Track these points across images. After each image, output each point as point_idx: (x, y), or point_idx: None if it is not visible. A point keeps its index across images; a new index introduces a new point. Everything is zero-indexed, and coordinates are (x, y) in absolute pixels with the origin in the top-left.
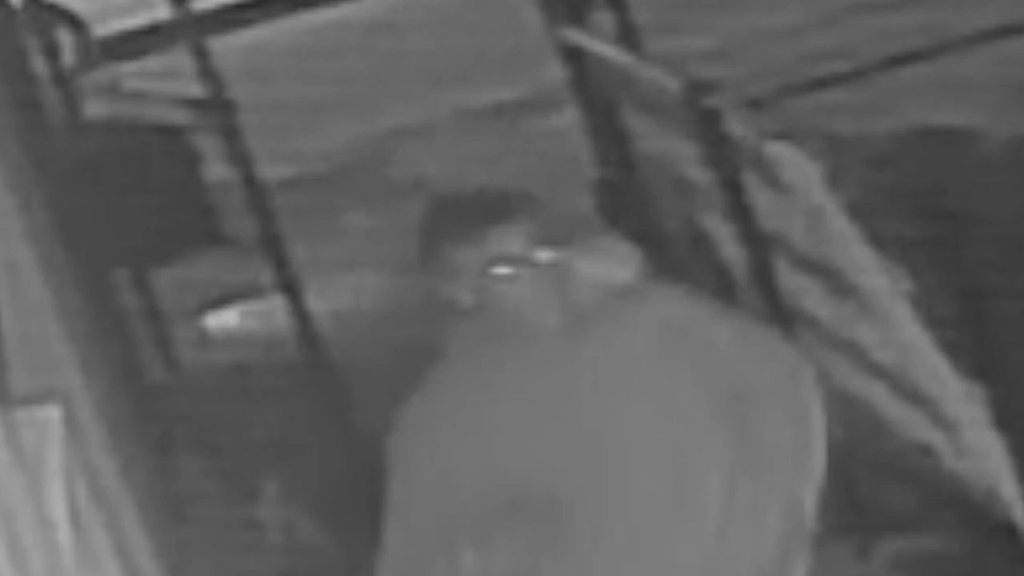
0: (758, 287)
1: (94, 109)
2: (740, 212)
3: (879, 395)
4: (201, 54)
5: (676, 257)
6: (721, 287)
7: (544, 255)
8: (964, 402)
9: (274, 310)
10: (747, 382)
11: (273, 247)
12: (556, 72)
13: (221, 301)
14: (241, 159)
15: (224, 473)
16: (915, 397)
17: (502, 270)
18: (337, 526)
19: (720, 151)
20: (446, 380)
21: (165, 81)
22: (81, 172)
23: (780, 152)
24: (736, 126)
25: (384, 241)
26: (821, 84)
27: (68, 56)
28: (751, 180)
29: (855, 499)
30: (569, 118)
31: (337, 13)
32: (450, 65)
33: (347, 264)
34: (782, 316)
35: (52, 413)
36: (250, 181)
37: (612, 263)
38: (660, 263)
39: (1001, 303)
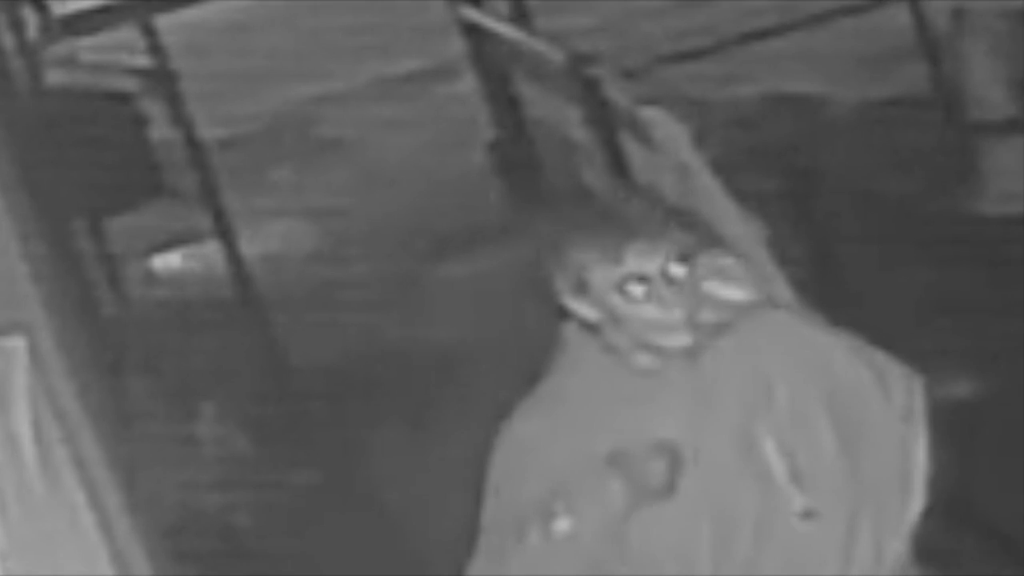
0: None
1: (54, 78)
2: (617, 167)
3: None
4: (148, 30)
5: (562, 207)
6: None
7: (677, 272)
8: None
9: (212, 253)
10: (861, 409)
11: (211, 198)
12: (458, 45)
13: (165, 245)
14: (183, 122)
15: (167, 394)
16: None
17: (636, 289)
18: (265, 440)
19: (600, 114)
20: (563, 385)
21: (117, 54)
22: (43, 133)
23: (652, 115)
24: (613, 93)
25: (307, 193)
26: (687, 56)
27: (32, 31)
28: (627, 139)
29: None
30: (469, 85)
31: None
32: (367, 39)
33: (275, 213)
34: None
35: (18, 343)
36: (191, 141)
37: (732, 281)
38: (549, 215)
39: (845, 246)
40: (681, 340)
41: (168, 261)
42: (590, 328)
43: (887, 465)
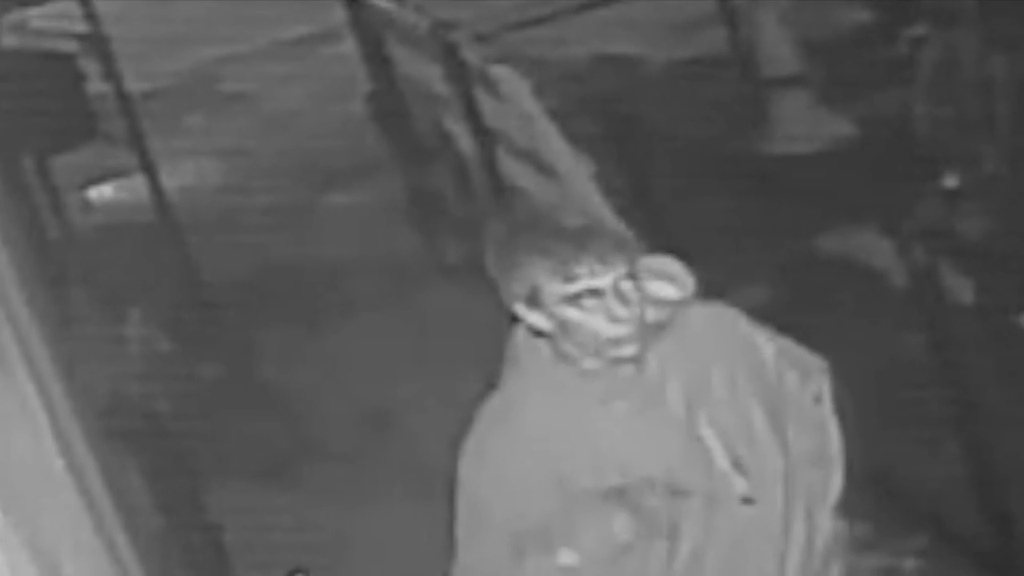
0: (486, 169)
1: (8, 41)
2: (472, 115)
3: None
4: (85, 2)
5: (427, 148)
6: (459, 169)
7: (627, 287)
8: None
9: (138, 186)
10: (784, 395)
11: (136, 141)
12: (340, 14)
13: (99, 179)
14: (113, 77)
15: (101, 302)
16: None
17: (588, 303)
18: (181, 339)
19: (457, 72)
20: (522, 395)
21: (60, 21)
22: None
23: (500, 72)
24: (469, 54)
25: (216, 136)
26: (529, 23)
27: None
28: (479, 92)
29: None
30: (349, 47)
31: None
32: (264, 9)
33: (189, 153)
34: (503, 190)
35: None
36: (120, 93)
37: (668, 282)
38: (416, 154)
39: (658, 180)
40: (630, 351)
41: (102, 192)
42: (541, 336)
43: (810, 446)
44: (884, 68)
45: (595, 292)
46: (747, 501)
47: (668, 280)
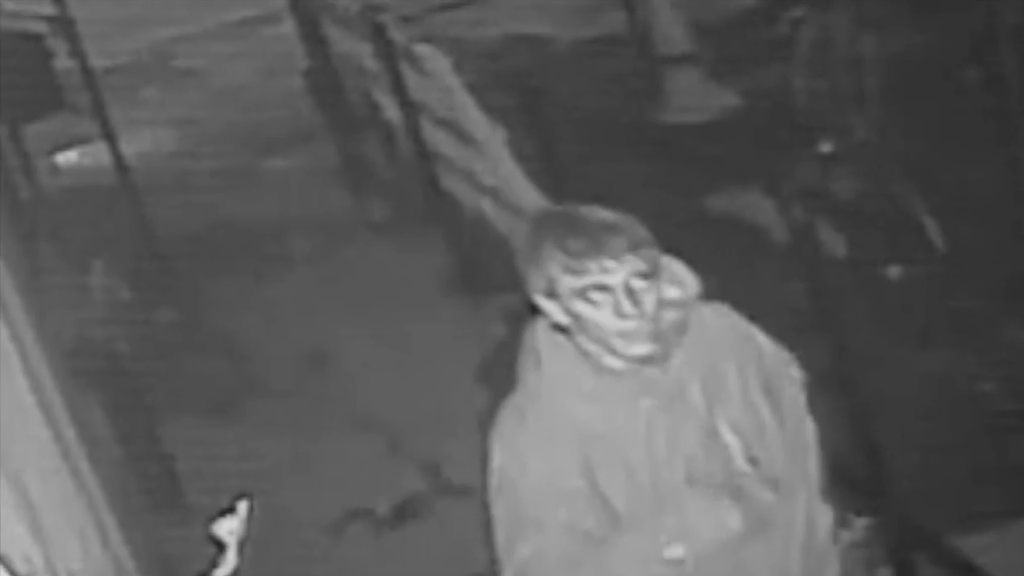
0: (410, 137)
1: None
2: (398, 89)
3: (486, 206)
4: None
5: (358, 118)
6: (386, 137)
7: (639, 286)
8: (533, 197)
9: (100, 151)
10: (781, 388)
11: (99, 111)
12: None
13: (66, 145)
14: (79, 55)
15: (66, 254)
16: (509, 206)
17: (596, 296)
18: (139, 288)
19: (385, 50)
20: (549, 392)
21: (30, 4)
22: None
23: (423, 50)
24: (396, 33)
25: (169, 108)
26: (449, 6)
27: None
28: (405, 68)
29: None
30: (289, 28)
31: None
32: None
33: (146, 123)
34: (426, 155)
35: None
36: (84, 69)
37: (676, 284)
38: (348, 123)
39: (564, 147)
40: (642, 349)
41: (68, 157)
42: (561, 330)
43: (802, 435)
44: (766, 46)
45: (604, 288)
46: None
47: (672, 281)
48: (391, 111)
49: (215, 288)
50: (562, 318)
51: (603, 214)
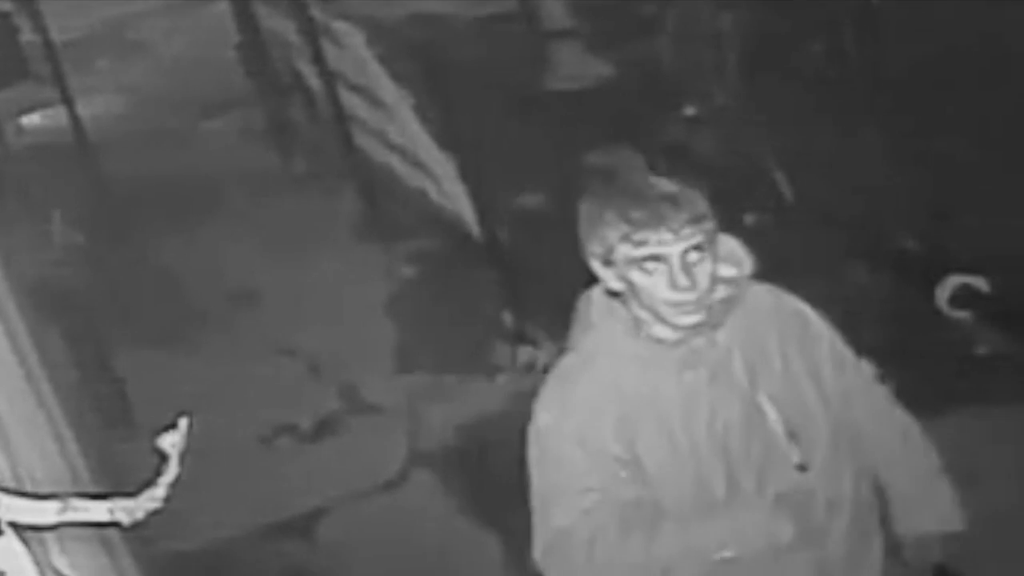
0: (329, 101)
1: None
2: (318, 60)
3: (395, 162)
4: None
5: (283, 85)
6: (308, 101)
7: (694, 259)
8: (443, 165)
9: (59, 114)
10: (824, 364)
11: (59, 80)
12: None
13: (30, 109)
14: (41, 30)
15: (30, 207)
16: (415, 162)
17: (651, 266)
18: (93, 234)
19: (307, 26)
20: (599, 357)
21: None
22: None
23: (340, 26)
24: (316, 12)
25: (120, 76)
26: None
27: None
28: (325, 42)
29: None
30: (223, 7)
31: None
32: None
33: (99, 90)
34: (342, 117)
35: None
36: (46, 42)
37: (731, 262)
38: (274, 90)
39: (464, 110)
40: (691, 319)
41: (32, 119)
42: (615, 297)
43: (841, 410)
44: (637, 23)
45: (660, 258)
46: (801, 468)
47: (726, 259)
48: (312, 79)
49: (159, 233)
50: (617, 285)
51: (666, 186)
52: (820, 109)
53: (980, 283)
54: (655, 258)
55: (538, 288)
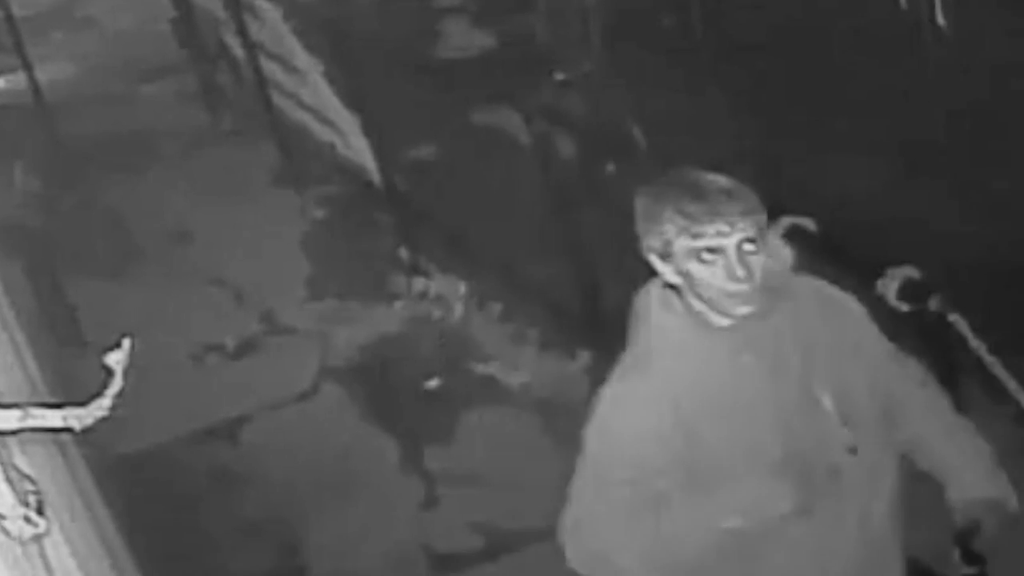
0: (251, 68)
1: None
2: (242, 32)
3: (307, 120)
4: None
5: (212, 54)
6: (233, 68)
7: (749, 249)
8: (348, 123)
9: (20, 79)
10: (869, 351)
11: (19, 49)
12: None
13: None
14: (4, 6)
15: None
16: (325, 120)
17: (709, 258)
18: (50, 182)
19: (232, 3)
20: (656, 348)
21: None
22: None
23: (261, 3)
24: None
25: (72, 47)
26: None
27: None
28: (247, 17)
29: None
30: None
31: None
32: None
33: (53, 58)
34: (262, 82)
35: None
36: (8, 17)
37: (772, 255)
38: (205, 58)
39: (368, 75)
40: (747, 309)
41: None
42: (672, 289)
43: (884, 393)
44: (516, 1)
45: (718, 251)
46: (852, 451)
47: (775, 253)
48: (236, 49)
49: (106, 181)
50: (674, 278)
51: (721, 181)
52: (670, 73)
53: (808, 223)
54: (712, 250)
55: (429, 227)
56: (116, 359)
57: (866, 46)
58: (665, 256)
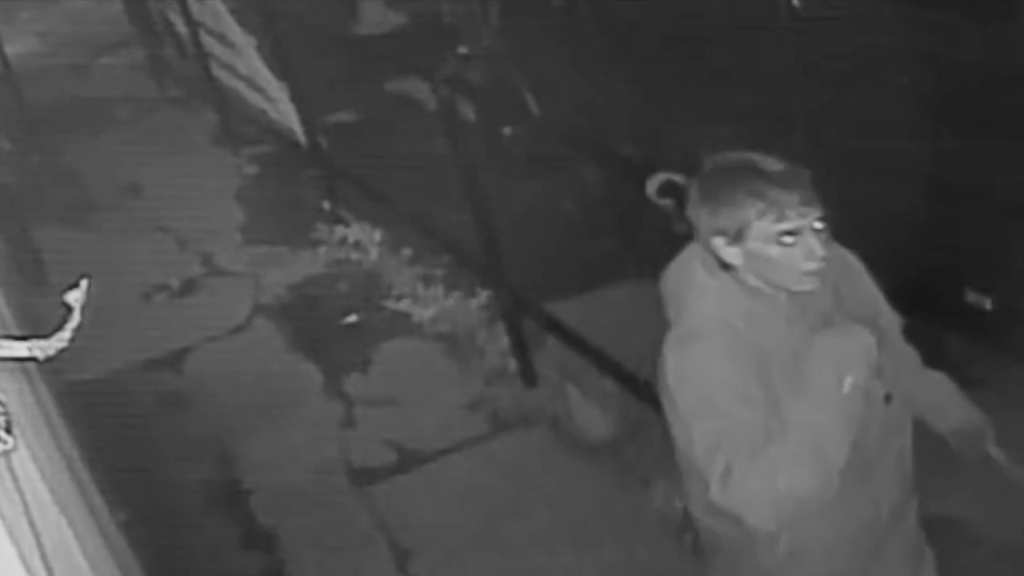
0: (193, 43)
1: None
2: (185, 11)
3: (242, 88)
4: None
5: (158, 31)
6: (177, 44)
7: (819, 227)
8: (278, 91)
9: None
10: (876, 300)
11: None
12: None
13: None
14: None
15: None
16: (257, 88)
17: (788, 239)
18: (14, 138)
19: None
20: (711, 320)
21: None
22: None
23: None
24: None
25: (36, 24)
26: None
27: None
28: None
29: (233, 125)
30: None
31: None
32: None
33: (20, 33)
34: (203, 55)
35: None
36: None
37: None
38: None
39: (292, 50)
40: (814, 284)
41: None
42: (725, 268)
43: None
44: None
45: (796, 232)
46: (887, 399)
47: None
48: (180, 26)
49: (66, 141)
50: (737, 259)
51: (781, 164)
52: (560, 47)
53: (679, 178)
54: (791, 232)
55: (348, 182)
56: (75, 297)
57: (730, 25)
58: (737, 238)
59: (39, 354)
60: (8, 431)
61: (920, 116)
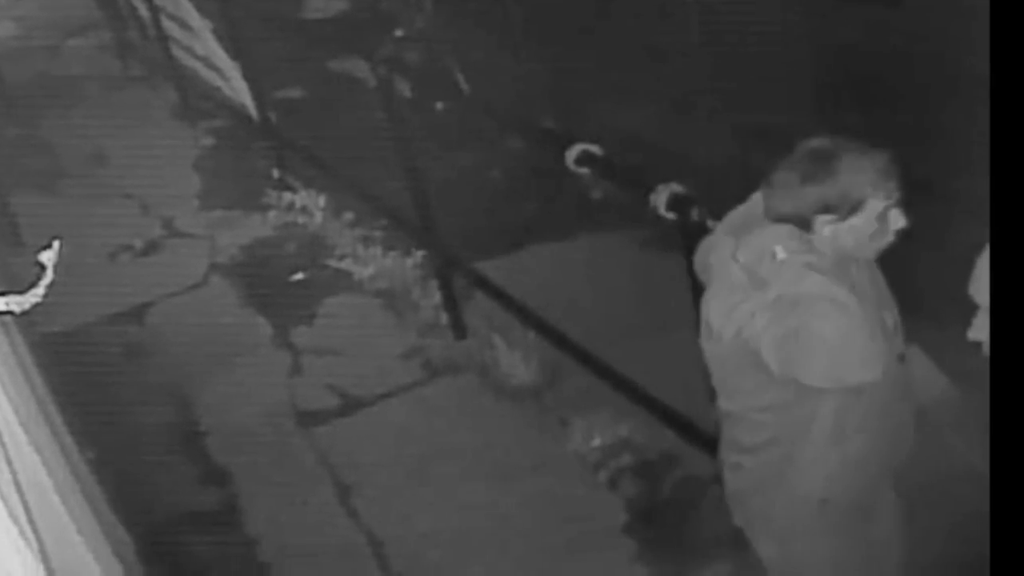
0: (154, 26)
1: None
2: (153, 10)
3: (199, 68)
4: None
5: (123, 14)
6: (140, 26)
7: (894, 200)
8: (232, 70)
9: None
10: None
11: None
12: None
13: None
14: None
15: None
16: (213, 67)
17: (891, 213)
18: (2, 121)
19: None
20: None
21: None
22: None
23: None
24: None
25: (10, 10)
26: None
27: None
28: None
29: (192, 101)
30: None
31: None
32: None
33: (1, 18)
34: (163, 37)
35: None
36: None
37: None
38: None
39: (245, 31)
40: (874, 253)
41: None
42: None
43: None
44: None
45: (893, 206)
46: (901, 358)
47: None
48: (143, 10)
49: (41, 115)
50: (832, 235)
51: (872, 149)
52: (488, 30)
53: (595, 149)
54: (890, 207)
55: (295, 152)
56: (48, 257)
57: (640, 11)
58: (849, 214)
59: (15, 308)
60: None
61: (808, 93)
